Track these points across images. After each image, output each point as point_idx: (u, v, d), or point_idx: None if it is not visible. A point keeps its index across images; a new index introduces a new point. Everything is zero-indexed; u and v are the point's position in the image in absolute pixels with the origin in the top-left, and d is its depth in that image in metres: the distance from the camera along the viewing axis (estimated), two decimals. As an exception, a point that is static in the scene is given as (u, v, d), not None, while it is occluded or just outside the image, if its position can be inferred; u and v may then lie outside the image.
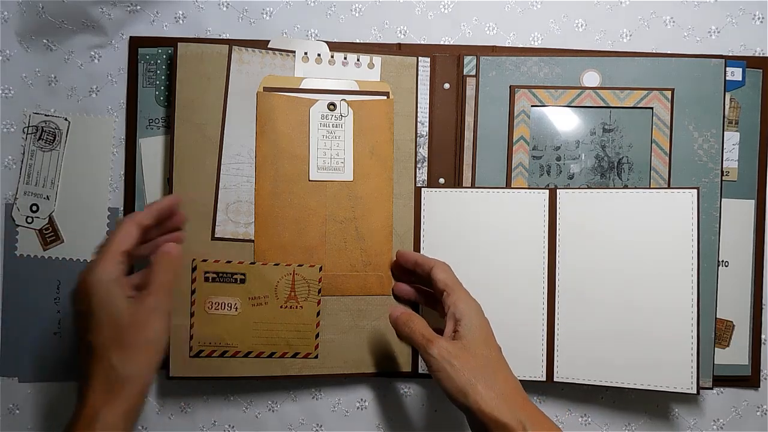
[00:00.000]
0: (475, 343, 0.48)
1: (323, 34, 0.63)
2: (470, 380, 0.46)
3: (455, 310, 0.50)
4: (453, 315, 0.50)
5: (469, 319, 0.49)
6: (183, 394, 0.63)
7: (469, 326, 0.49)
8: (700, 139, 0.60)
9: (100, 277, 0.45)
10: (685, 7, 0.63)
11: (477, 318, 0.49)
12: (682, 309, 0.56)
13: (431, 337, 0.49)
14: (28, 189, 0.61)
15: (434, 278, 0.53)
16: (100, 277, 0.45)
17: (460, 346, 0.48)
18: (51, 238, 0.61)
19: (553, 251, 0.58)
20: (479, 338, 0.48)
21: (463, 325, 0.49)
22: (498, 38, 0.63)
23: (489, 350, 0.48)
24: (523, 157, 0.61)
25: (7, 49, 0.62)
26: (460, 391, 0.46)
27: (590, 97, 0.60)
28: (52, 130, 0.62)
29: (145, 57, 0.61)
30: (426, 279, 0.54)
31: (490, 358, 0.48)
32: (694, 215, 0.56)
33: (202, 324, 0.58)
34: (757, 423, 0.63)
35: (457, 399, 0.47)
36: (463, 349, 0.48)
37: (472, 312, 0.50)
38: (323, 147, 0.59)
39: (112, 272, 0.45)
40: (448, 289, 0.51)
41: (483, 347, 0.48)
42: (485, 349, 0.48)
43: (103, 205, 0.62)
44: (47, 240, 0.61)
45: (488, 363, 0.48)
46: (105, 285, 0.45)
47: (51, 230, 0.61)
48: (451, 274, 0.53)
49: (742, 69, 0.61)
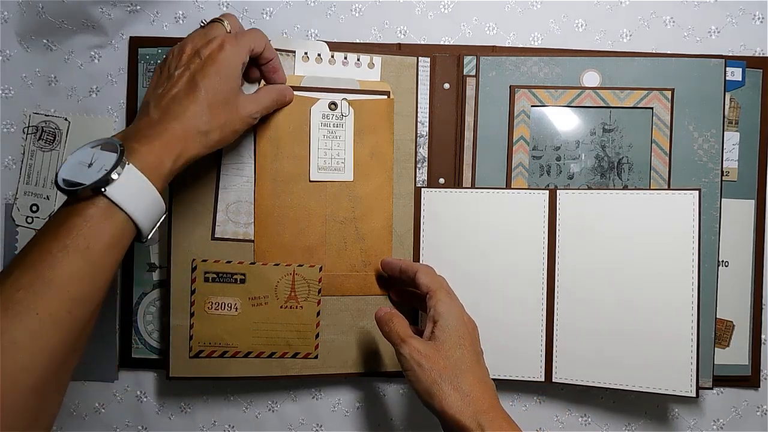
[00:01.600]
0: (448, 344, 0.48)
1: (323, 34, 0.63)
2: (436, 381, 0.46)
3: (434, 312, 0.50)
4: (432, 317, 0.50)
5: (445, 320, 0.49)
6: (183, 394, 0.63)
7: (443, 327, 0.49)
8: (700, 139, 0.60)
9: (231, 55, 0.48)
10: (685, 7, 0.63)
11: (453, 320, 0.49)
12: (682, 309, 0.56)
13: (405, 336, 0.49)
14: (28, 189, 0.61)
15: (418, 282, 0.53)
16: (233, 55, 0.48)
17: (432, 346, 0.48)
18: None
19: (552, 252, 0.58)
20: (452, 339, 0.48)
21: (439, 326, 0.49)
22: (498, 38, 0.63)
23: (462, 351, 0.48)
24: (523, 157, 0.61)
25: (7, 49, 0.62)
26: (426, 392, 0.47)
27: (590, 97, 0.60)
28: (52, 130, 0.61)
29: (145, 57, 0.61)
30: (413, 284, 0.54)
31: (461, 359, 0.48)
32: (695, 216, 0.56)
33: (202, 324, 0.58)
34: (757, 423, 0.63)
35: (424, 400, 0.47)
36: (434, 349, 0.48)
37: (449, 314, 0.50)
38: (324, 147, 0.59)
39: (242, 55, 0.49)
40: (431, 292, 0.51)
41: (456, 348, 0.48)
42: (458, 350, 0.48)
43: None
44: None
45: (458, 364, 0.47)
46: (235, 62, 0.48)
47: None
48: (434, 276, 0.53)
49: (742, 69, 0.61)
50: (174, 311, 0.58)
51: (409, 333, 0.50)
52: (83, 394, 0.62)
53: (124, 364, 0.62)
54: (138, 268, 0.61)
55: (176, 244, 0.58)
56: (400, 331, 0.50)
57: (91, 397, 0.63)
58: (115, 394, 0.63)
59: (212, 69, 0.47)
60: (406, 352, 0.48)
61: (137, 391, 0.63)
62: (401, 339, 0.49)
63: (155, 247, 0.61)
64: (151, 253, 0.61)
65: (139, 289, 0.61)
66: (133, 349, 0.61)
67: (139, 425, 0.63)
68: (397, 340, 0.50)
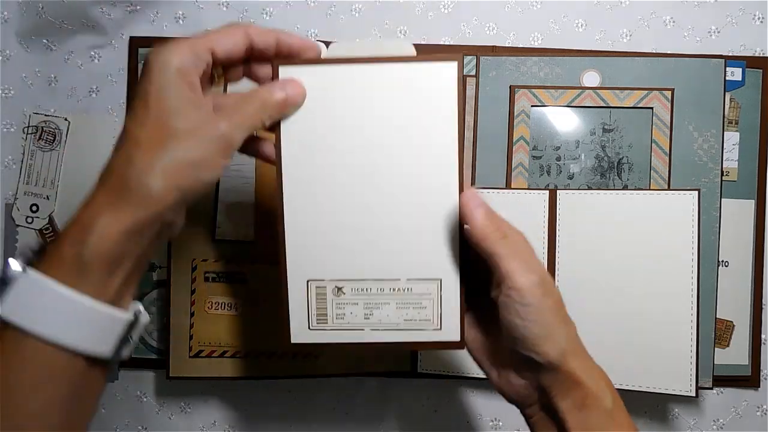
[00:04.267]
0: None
1: (323, 34, 0.63)
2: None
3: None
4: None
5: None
6: (183, 394, 0.63)
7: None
8: (700, 139, 0.60)
9: (166, 59, 0.34)
10: (685, 7, 0.63)
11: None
12: (681, 309, 0.56)
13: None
14: (28, 189, 0.61)
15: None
16: (166, 60, 0.34)
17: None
18: (51, 238, 0.61)
19: (552, 252, 0.58)
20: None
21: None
22: (498, 38, 0.63)
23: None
24: (523, 157, 0.61)
25: (7, 49, 0.62)
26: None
27: (590, 97, 0.60)
28: (52, 130, 0.62)
29: (145, 57, 0.61)
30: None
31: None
32: (694, 217, 0.56)
33: (202, 324, 0.58)
34: (757, 423, 0.63)
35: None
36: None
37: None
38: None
39: (183, 61, 0.34)
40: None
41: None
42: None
43: None
44: (47, 240, 0.61)
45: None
46: (168, 71, 0.34)
47: (51, 230, 0.61)
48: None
49: (742, 69, 0.61)
50: (174, 311, 0.58)
51: None
52: (83, 394, 0.62)
53: (124, 364, 0.62)
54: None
55: (176, 244, 0.58)
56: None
57: (91, 397, 0.63)
58: (115, 394, 0.63)
59: (138, 101, 0.34)
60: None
61: (137, 391, 0.63)
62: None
63: (155, 247, 0.61)
64: (151, 253, 0.61)
65: (139, 289, 0.61)
66: (133, 349, 0.62)
67: (139, 425, 0.63)
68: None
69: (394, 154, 0.41)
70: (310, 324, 0.43)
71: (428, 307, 0.42)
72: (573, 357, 0.39)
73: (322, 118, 0.40)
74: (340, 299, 0.43)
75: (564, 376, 0.38)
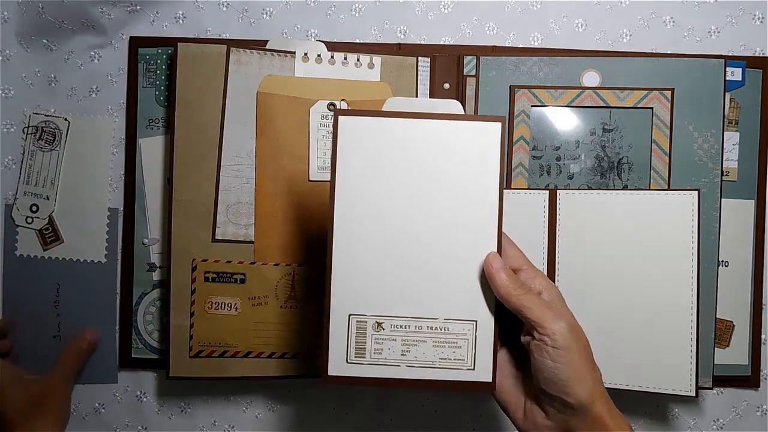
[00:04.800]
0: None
1: (323, 34, 0.63)
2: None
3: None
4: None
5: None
6: (183, 394, 0.63)
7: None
8: (700, 139, 0.60)
9: None
10: (685, 7, 0.63)
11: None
12: (681, 309, 0.56)
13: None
14: (28, 189, 0.61)
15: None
16: None
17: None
18: (51, 238, 0.61)
19: (552, 252, 0.58)
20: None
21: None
22: (498, 38, 0.63)
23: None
24: (523, 157, 0.61)
25: (7, 49, 0.62)
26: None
27: (590, 97, 0.60)
28: (52, 130, 0.62)
29: (145, 57, 0.61)
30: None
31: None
32: (694, 217, 0.56)
33: (202, 324, 0.58)
34: (757, 423, 0.63)
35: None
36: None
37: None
38: (323, 147, 0.59)
39: None
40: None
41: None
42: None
43: (103, 205, 0.62)
44: (47, 240, 0.61)
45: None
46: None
47: (51, 230, 0.61)
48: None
49: (742, 69, 0.61)
50: (174, 311, 0.58)
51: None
52: (83, 394, 0.62)
53: (124, 364, 0.62)
54: (138, 268, 0.61)
55: (176, 245, 0.58)
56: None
57: (91, 397, 0.63)
58: (115, 394, 0.63)
59: None
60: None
61: (137, 391, 0.63)
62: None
63: (155, 247, 0.61)
64: (151, 253, 0.61)
65: (139, 289, 0.61)
66: (133, 349, 0.61)
67: (139, 425, 0.63)
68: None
69: (439, 202, 0.44)
70: (348, 357, 0.44)
71: (463, 347, 0.44)
72: (601, 401, 0.41)
73: (374, 165, 0.44)
74: (379, 334, 0.44)
75: (592, 419, 0.41)
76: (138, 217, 0.61)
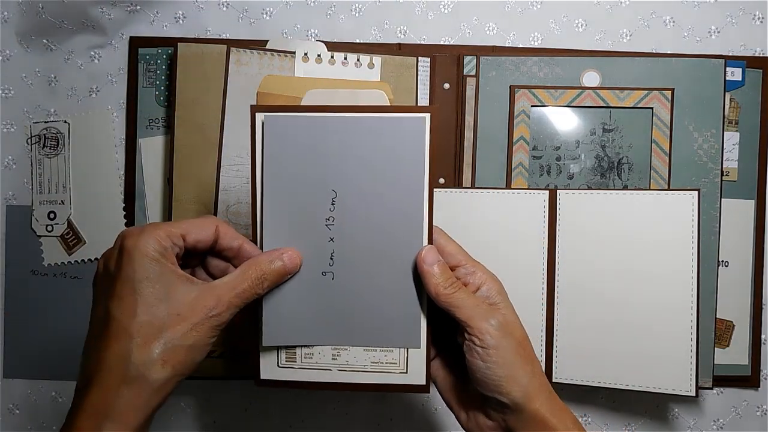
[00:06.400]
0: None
1: (323, 34, 0.63)
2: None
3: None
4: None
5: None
6: (183, 394, 0.63)
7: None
8: (700, 139, 0.60)
9: (146, 245, 0.36)
10: (685, 7, 0.63)
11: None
12: (681, 309, 0.56)
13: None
14: (43, 198, 0.61)
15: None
16: (146, 245, 0.36)
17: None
18: (73, 241, 0.61)
19: (552, 252, 0.58)
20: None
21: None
22: (498, 38, 0.63)
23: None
24: (523, 157, 0.61)
25: (7, 49, 0.62)
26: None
27: (590, 97, 0.60)
28: (54, 135, 0.62)
29: (145, 57, 0.61)
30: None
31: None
32: (694, 217, 0.56)
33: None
34: (757, 423, 0.63)
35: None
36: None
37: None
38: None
39: (163, 247, 0.37)
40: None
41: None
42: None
43: (117, 198, 0.62)
44: (70, 244, 0.61)
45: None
46: (149, 257, 0.36)
47: (72, 234, 0.61)
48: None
49: (742, 69, 0.61)
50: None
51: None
52: (83, 394, 0.62)
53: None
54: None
55: (176, 244, 0.58)
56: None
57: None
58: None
59: (124, 288, 0.36)
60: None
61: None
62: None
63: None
64: (151, 253, 0.61)
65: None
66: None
67: (139, 425, 0.63)
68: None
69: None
70: (279, 361, 0.43)
71: (395, 350, 0.43)
72: (538, 397, 0.40)
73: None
74: None
75: (530, 417, 0.39)
76: (138, 217, 0.61)
